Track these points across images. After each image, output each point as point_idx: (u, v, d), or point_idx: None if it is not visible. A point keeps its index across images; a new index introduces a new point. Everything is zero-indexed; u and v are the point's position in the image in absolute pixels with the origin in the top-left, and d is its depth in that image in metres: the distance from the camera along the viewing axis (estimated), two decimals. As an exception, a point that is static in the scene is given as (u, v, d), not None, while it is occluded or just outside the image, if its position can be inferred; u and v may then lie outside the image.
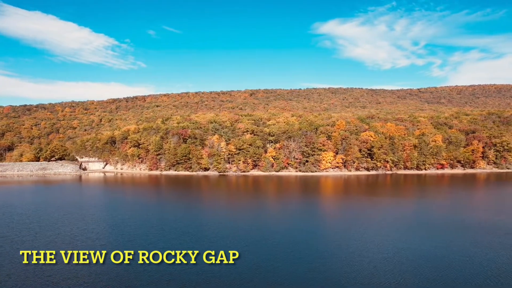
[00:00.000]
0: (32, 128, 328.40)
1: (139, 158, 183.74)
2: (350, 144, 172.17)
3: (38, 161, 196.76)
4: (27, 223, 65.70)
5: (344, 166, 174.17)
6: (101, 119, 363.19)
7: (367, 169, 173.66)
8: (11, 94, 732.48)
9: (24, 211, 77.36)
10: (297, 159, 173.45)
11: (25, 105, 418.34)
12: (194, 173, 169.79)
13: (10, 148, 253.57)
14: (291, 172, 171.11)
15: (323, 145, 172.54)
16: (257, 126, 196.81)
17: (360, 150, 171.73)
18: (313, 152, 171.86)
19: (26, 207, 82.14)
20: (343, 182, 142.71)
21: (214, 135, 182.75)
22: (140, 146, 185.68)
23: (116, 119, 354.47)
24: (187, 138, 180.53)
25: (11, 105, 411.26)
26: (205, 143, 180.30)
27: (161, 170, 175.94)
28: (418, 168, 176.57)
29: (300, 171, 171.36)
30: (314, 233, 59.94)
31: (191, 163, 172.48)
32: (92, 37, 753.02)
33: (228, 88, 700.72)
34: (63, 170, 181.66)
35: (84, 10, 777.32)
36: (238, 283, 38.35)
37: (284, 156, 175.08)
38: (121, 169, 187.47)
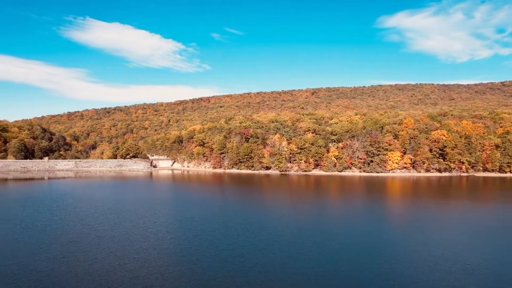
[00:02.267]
0: (110, 129, 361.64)
1: (204, 157, 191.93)
2: (420, 144, 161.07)
3: (116, 158, 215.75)
4: (107, 214, 72.32)
5: (413, 167, 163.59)
6: (169, 120, 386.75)
7: (439, 171, 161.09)
8: (95, 99, 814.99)
9: (105, 203, 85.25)
10: (361, 159, 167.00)
11: (105, 108, 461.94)
12: (256, 171, 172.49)
13: (93, 147, 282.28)
14: (354, 173, 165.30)
15: (389, 145, 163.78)
16: (319, 125, 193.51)
17: (430, 150, 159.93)
18: (379, 152, 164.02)
19: (107, 200, 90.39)
20: (412, 183, 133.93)
21: (276, 134, 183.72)
22: (205, 145, 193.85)
23: (183, 120, 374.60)
24: (249, 137, 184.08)
25: (94, 109, 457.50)
26: (267, 142, 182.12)
27: (225, 169, 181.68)
28: (501, 170, 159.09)
29: (364, 171, 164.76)
30: (381, 236, 57.13)
31: (253, 162, 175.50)
32: (162, 43, 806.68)
33: (289, 87, 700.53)
34: (136, 167, 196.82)
35: (155, 18, 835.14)
36: (301, 286, 38.00)
37: (347, 156, 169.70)
38: (188, 166, 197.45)
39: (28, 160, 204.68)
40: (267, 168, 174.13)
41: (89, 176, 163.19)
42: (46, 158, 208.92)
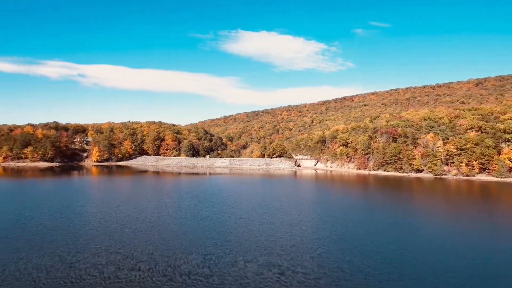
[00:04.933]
0: (259, 130, 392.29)
1: (347, 157, 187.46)
2: None
3: (263, 157, 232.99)
4: (256, 209, 78.66)
5: None
6: (312, 120, 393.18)
7: None
8: (245, 103, 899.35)
9: (254, 199, 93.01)
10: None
11: (254, 111, 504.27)
12: (405, 174, 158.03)
13: (245, 147, 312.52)
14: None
15: None
16: (486, 121, 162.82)
17: None
18: None
19: (256, 196, 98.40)
20: None
21: (429, 133, 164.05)
22: (349, 145, 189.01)
23: (326, 120, 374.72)
24: (397, 137, 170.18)
25: (245, 112, 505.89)
26: (418, 142, 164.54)
27: (370, 170, 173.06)
28: None
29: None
30: None
31: (401, 164, 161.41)
32: (305, 45, 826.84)
33: (445, 79, 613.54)
34: (282, 166, 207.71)
35: (297, 22, 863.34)
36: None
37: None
38: (331, 167, 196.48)
39: (195, 157, 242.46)
40: (418, 170, 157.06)
41: (241, 173, 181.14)
42: (207, 156, 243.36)
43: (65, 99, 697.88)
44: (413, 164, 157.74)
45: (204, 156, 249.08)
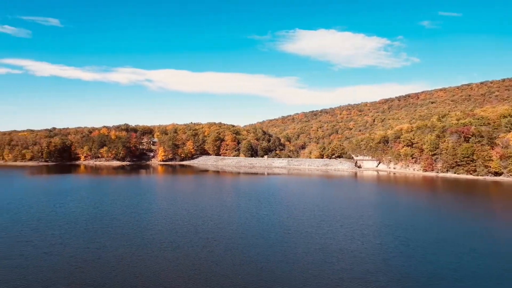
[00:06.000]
0: (318, 130, 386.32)
1: (412, 158, 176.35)
2: None
3: (322, 158, 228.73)
4: (315, 210, 77.46)
5: None
6: (374, 120, 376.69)
7: None
8: (304, 103, 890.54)
9: (313, 200, 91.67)
10: None
11: (313, 111, 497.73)
12: (479, 177, 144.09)
13: (303, 147, 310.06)
14: None
15: None
16: None
17: None
18: None
19: (315, 197, 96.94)
20: None
21: (510, 132, 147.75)
22: (414, 145, 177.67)
23: (389, 119, 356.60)
24: (469, 136, 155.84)
25: (303, 112, 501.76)
26: (495, 142, 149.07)
27: (437, 172, 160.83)
28: None
29: None
30: None
31: (475, 166, 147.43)
32: (365, 41, 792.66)
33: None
34: (341, 166, 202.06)
35: (357, 18, 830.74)
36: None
37: None
38: (394, 168, 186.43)
39: (253, 158, 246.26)
40: (496, 173, 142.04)
41: (299, 173, 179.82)
42: (265, 157, 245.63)
43: (134, 102, 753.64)
44: (490, 166, 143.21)
45: (262, 156, 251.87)
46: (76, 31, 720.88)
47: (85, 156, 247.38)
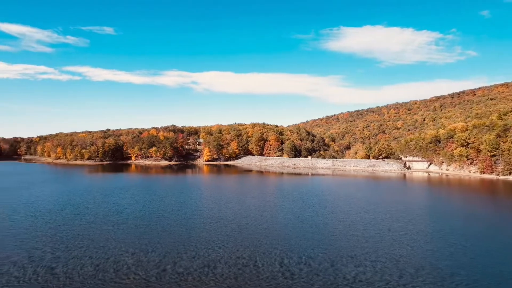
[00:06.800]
0: (363, 130, 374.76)
1: (467, 159, 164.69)
2: None
3: (368, 158, 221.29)
4: (361, 213, 75.04)
5: None
6: (424, 118, 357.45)
7: None
8: (348, 102, 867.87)
9: (359, 202, 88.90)
10: None
11: (358, 110, 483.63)
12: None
13: (348, 147, 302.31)
14: None
15: None
16: None
17: None
18: None
19: (361, 199, 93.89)
20: None
21: None
22: (469, 145, 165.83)
23: (440, 117, 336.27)
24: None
25: (348, 111, 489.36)
26: None
27: (498, 174, 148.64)
28: None
29: None
30: None
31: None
32: (414, 36, 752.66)
33: None
34: (388, 168, 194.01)
35: (406, 12, 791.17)
36: None
37: None
38: (446, 170, 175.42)
39: (297, 158, 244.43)
40: None
41: (344, 174, 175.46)
42: (309, 157, 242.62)
43: (180, 104, 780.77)
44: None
45: (306, 156, 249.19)
46: (127, 38, 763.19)
47: (135, 156, 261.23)
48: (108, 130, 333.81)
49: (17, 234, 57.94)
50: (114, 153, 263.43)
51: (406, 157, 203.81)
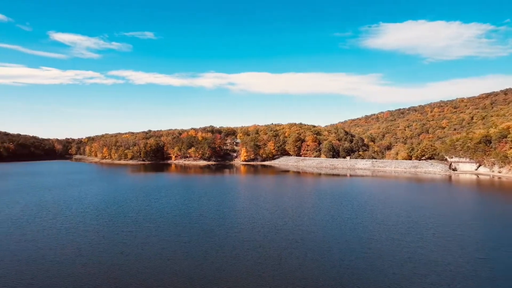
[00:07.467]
0: (405, 129, 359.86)
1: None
2: None
3: (410, 159, 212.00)
4: (402, 216, 71.89)
5: None
6: (472, 117, 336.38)
7: None
8: (389, 101, 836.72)
9: (400, 205, 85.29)
10: None
11: (399, 109, 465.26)
12: None
13: (388, 148, 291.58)
14: None
15: None
16: None
17: None
18: None
19: (402, 202, 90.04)
20: None
21: None
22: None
23: (491, 115, 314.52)
24: None
25: (389, 111, 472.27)
26: None
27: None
28: None
29: None
30: None
31: None
32: (462, 29, 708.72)
33: None
34: (432, 169, 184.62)
35: (453, 3, 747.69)
36: None
37: None
38: (499, 172, 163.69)
39: (335, 158, 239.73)
40: None
41: (384, 176, 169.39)
42: (348, 158, 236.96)
43: (218, 105, 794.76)
44: None
45: (344, 157, 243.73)
46: (167, 42, 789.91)
47: (175, 156, 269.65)
48: (150, 131, 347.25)
49: (69, 228, 61.86)
50: (155, 153, 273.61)
51: (452, 158, 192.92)
